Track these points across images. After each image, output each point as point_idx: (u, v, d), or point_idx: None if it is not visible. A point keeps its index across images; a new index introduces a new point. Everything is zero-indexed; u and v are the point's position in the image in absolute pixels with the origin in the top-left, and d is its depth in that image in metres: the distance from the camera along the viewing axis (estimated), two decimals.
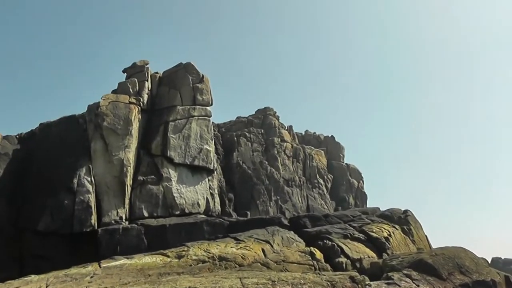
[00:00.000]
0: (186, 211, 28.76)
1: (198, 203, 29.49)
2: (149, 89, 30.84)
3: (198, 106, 31.12)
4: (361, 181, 50.91)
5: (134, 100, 28.57)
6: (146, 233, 25.48)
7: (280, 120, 48.88)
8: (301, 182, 45.07)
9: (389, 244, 23.04)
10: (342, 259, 21.35)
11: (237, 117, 47.76)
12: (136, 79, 30.10)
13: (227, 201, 38.17)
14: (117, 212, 26.16)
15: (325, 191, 46.96)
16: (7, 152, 27.02)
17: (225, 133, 44.61)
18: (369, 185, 71.07)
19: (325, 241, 22.58)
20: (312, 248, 21.95)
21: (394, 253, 22.04)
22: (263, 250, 21.14)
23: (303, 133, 54.63)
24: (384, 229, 24.54)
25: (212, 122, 46.20)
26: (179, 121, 29.92)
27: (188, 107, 30.67)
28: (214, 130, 44.11)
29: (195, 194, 29.60)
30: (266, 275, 15.31)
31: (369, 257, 21.79)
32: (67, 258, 22.98)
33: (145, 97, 30.01)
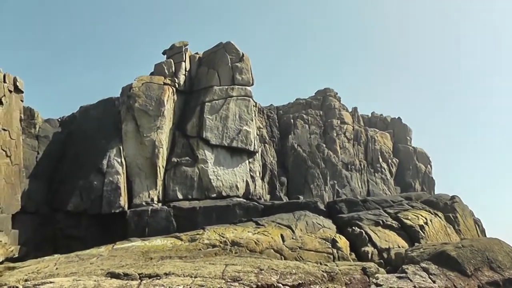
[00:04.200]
0: (224, 194, 27.83)
1: (236, 186, 28.47)
2: (187, 70, 30.07)
3: (237, 86, 29.88)
4: (429, 166, 47.22)
5: (168, 81, 28.03)
6: (176, 216, 24.98)
7: (342, 102, 46.54)
8: (362, 166, 42.66)
9: (423, 233, 20.52)
10: (369, 248, 19.40)
11: (296, 99, 46.09)
12: (172, 60, 29.45)
13: (278, 185, 36.99)
14: (149, 194, 25.83)
15: (388, 176, 44.13)
16: (47, 135, 27.54)
17: (282, 116, 43.18)
18: (439, 171, 66.23)
19: (353, 227, 20.69)
20: (337, 236, 20.18)
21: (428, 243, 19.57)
22: (281, 236, 19.72)
23: (370, 115, 51.78)
24: (422, 216, 21.95)
25: (271, 105, 45.41)
26: (216, 101, 28.92)
27: (226, 87, 29.58)
28: (271, 113, 42.91)
29: (233, 177, 28.60)
30: (257, 262, 13.96)
31: (399, 247, 19.55)
32: (99, 239, 23.04)
33: (182, 78, 29.29)
